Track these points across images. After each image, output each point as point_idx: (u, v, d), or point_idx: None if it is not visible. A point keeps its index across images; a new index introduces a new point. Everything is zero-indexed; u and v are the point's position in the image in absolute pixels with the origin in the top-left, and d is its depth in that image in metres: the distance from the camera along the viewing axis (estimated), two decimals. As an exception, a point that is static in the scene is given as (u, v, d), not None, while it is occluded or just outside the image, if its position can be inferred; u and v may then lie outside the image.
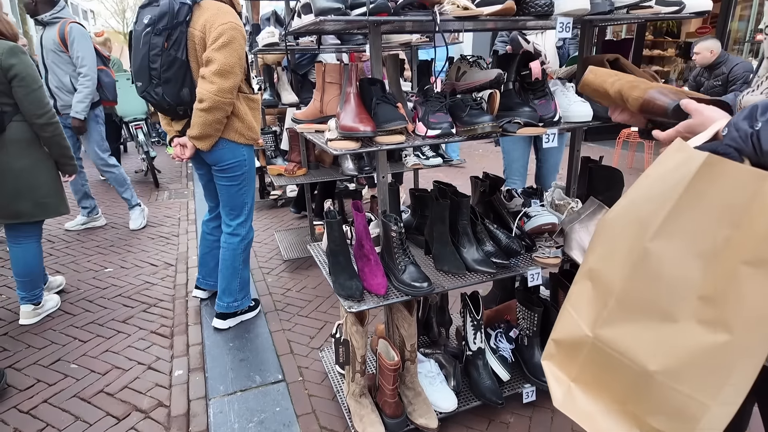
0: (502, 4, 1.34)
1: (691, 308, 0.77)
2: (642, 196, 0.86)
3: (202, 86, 1.85)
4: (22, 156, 2.29)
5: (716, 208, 0.76)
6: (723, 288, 0.75)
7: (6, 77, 2.15)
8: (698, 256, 0.77)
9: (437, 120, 1.44)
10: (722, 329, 0.75)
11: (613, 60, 1.68)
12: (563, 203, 1.97)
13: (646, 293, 0.83)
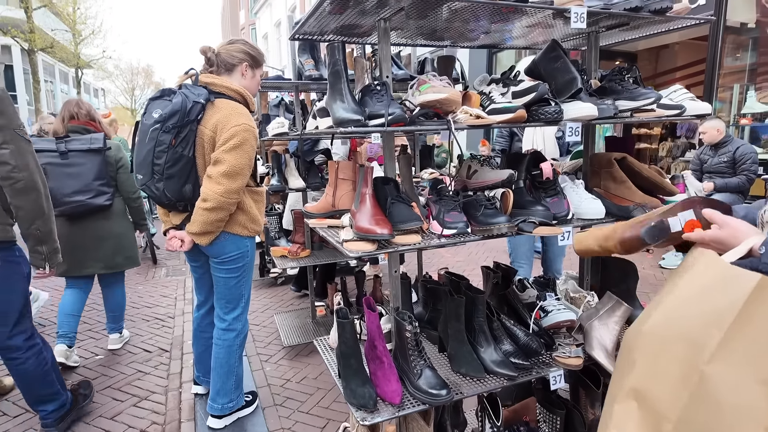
0: (513, 112, 1.39)
1: None
2: (684, 311, 0.83)
3: (208, 186, 1.86)
4: (120, 223, 3.06)
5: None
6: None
7: (116, 167, 2.94)
8: (762, 383, 0.72)
9: (452, 219, 1.44)
10: None
11: (620, 159, 1.72)
12: (579, 296, 1.93)
13: (706, 422, 0.76)
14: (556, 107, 1.45)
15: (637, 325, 0.92)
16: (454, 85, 1.46)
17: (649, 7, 1.52)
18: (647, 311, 0.91)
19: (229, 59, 2.03)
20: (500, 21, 1.60)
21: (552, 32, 1.84)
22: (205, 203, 1.86)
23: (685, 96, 1.74)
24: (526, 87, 1.46)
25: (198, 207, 1.89)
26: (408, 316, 1.59)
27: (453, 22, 1.62)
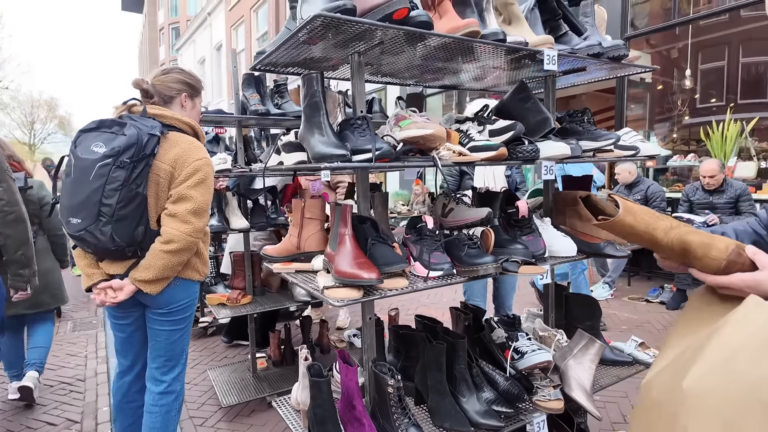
0: (495, 150, 1.36)
1: None
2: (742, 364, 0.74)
3: (173, 225, 1.63)
4: (45, 260, 2.99)
5: None
6: None
7: (39, 205, 2.94)
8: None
9: (437, 260, 1.35)
10: None
11: (585, 197, 1.77)
12: (548, 335, 1.91)
13: None
14: (532, 146, 1.45)
15: (673, 378, 0.81)
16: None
17: (608, 54, 1.62)
18: (678, 361, 0.81)
19: (166, 91, 1.85)
20: (472, 61, 1.61)
21: (515, 75, 1.89)
22: (169, 245, 1.62)
23: (636, 138, 1.85)
24: (503, 126, 1.45)
25: (158, 250, 1.63)
26: (388, 369, 1.45)
27: (426, 60, 1.59)
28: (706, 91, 6.26)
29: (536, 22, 1.61)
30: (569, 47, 1.58)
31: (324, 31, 1.24)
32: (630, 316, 4.40)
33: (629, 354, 1.94)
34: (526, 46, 1.45)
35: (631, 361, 1.90)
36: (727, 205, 4.39)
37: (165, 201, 1.69)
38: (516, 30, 1.54)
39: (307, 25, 1.16)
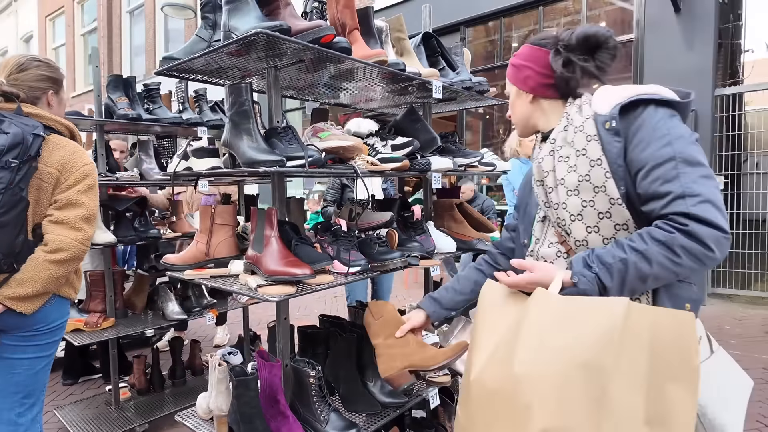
0: (400, 162, 1.61)
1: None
2: (555, 342, 0.92)
3: (62, 233, 1.45)
4: None
5: (636, 339, 0.89)
6: (660, 408, 0.88)
7: None
8: (637, 385, 0.88)
9: (355, 258, 1.52)
10: None
11: (458, 204, 2.13)
12: (432, 323, 2.21)
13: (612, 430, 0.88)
14: (425, 160, 1.73)
15: (501, 368, 0.97)
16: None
17: (476, 88, 2.01)
18: (498, 353, 0.99)
19: (31, 92, 1.65)
20: (372, 84, 1.84)
21: (399, 99, 2.19)
22: (58, 254, 1.43)
23: (493, 157, 2.30)
24: (403, 142, 1.71)
25: (42, 260, 1.43)
26: (308, 362, 1.55)
27: (332, 80, 1.77)
28: (522, 123, 7.66)
29: (422, 56, 1.92)
30: (448, 80, 1.92)
31: (255, 46, 1.33)
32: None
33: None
34: (419, 76, 1.74)
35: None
36: None
37: (46, 207, 1.51)
38: (408, 62, 1.83)
39: (245, 39, 1.24)
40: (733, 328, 4.23)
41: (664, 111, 1.00)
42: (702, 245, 0.90)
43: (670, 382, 0.89)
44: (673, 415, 0.88)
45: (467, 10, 6.68)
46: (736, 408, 1.00)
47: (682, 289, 1.01)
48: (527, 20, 6.63)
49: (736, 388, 1.03)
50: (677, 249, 0.91)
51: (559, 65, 1.09)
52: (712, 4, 4.98)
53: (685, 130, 0.99)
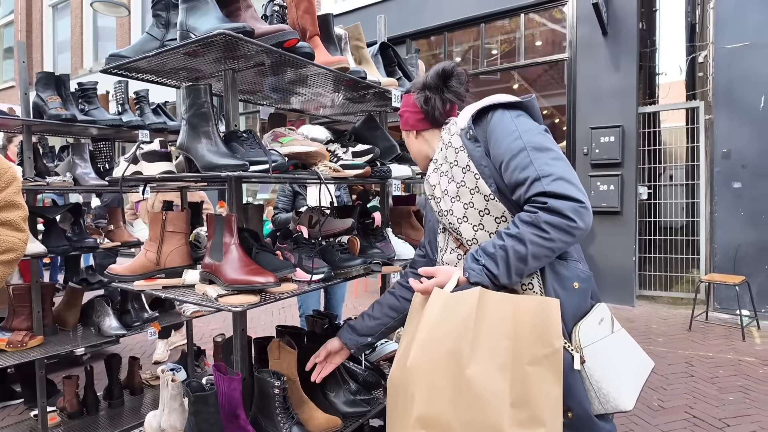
0: (362, 169, 1.61)
1: (508, 416, 0.93)
2: (436, 335, 1.02)
3: (10, 233, 1.31)
4: None
5: (497, 326, 0.98)
6: (524, 390, 0.95)
7: None
8: (500, 369, 0.96)
9: (318, 265, 1.50)
10: (537, 424, 0.94)
11: (416, 211, 2.17)
12: (389, 330, 2.22)
13: (478, 416, 0.94)
14: (386, 167, 1.75)
15: (401, 364, 1.07)
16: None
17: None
18: (404, 351, 1.08)
19: None
20: (330, 91, 1.83)
21: (356, 107, 2.19)
22: (8, 254, 1.29)
23: (448, 165, 2.37)
24: (364, 149, 1.71)
25: None
26: (273, 373, 1.50)
27: (291, 85, 1.74)
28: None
29: (379, 65, 1.94)
30: (405, 89, 1.96)
31: (213, 47, 1.29)
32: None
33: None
34: (379, 85, 1.75)
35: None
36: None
37: None
38: (367, 70, 1.84)
39: (206, 39, 1.19)
40: (659, 326, 4.60)
41: (511, 112, 1.15)
42: (563, 217, 0.99)
43: (533, 365, 0.96)
44: (537, 397, 0.95)
45: (414, 24, 6.84)
46: (630, 383, 1.08)
47: (567, 268, 1.09)
48: (468, 36, 6.92)
49: (634, 366, 1.12)
50: (543, 225, 1.00)
51: (422, 102, 1.29)
52: (634, 29, 5.45)
53: (532, 124, 1.13)
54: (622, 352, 1.11)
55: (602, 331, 1.08)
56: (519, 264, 1.03)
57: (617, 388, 1.04)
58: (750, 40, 4.86)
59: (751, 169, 4.83)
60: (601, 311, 1.11)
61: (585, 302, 1.10)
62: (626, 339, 1.15)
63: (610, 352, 1.08)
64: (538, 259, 1.03)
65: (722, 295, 4.92)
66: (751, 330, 4.41)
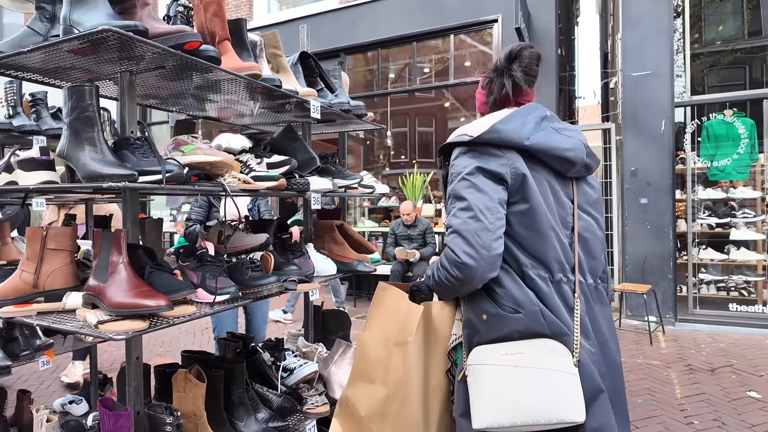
0: (276, 181, 1.53)
1: (379, 374, 1.26)
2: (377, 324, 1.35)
3: None
4: None
5: (389, 313, 1.31)
6: (386, 360, 1.25)
7: None
8: (384, 343, 1.28)
9: (223, 285, 1.39)
10: (384, 386, 1.24)
11: (339, 225, 2.11)
12: (310, 350, 2.12)
13: (365, 368, 1.31)
14: (304, 180, 1.68)
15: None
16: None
17: (355, 111, 2.03)
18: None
19: None
20: (245, 99, 1.74)
21: (276, 116, 2.11)
22: None
23: (373, 180, 2.34)
24: (280, 160, 1.63)
25: None
26: (165, 407, 1.36)
27: (200, 91, 1.63)
28: (398, 150, 8.08)
29: (299, 75, 1.88)
30: (327, 101, 1.91)
31: (104, 46, 1.16)
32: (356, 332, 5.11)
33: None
34: (297, 94, 1.69)
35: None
36: (419, 236, 5.73)
37: None
38: (285, 79, 1.77)
39: (90, 36, 1.07)
40: (577, 333, 4.84)
41: (458, 149, 1.20)
42: (445, 269, 1.14)
43: (396, 346, 1.25)
44: (391, 369, 1.24)
45: (347, 38, 6.87)
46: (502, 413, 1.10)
47: (484, 300, 1.15)
48: (402, 53, 7.06)
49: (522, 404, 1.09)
50: (437, 268, 1.19)
51: (484, 83, 1.30)
52: (554, 55, 5.84)
53: (462, 167, 1.16)
54: (515, 386, 1.07)
55: (502, 359, 1.09)
56: (435, 287, 1.23)
57: (479, 408, 1.09)
58: (651, 69, 5.36)
59: (654, 186, 5.29)
60: (515, 346, 1.10)
61: (495, 332, 1.12)
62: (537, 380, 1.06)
63: (495, 379, 1.08)
64: (443, 287, 1.20)
65: (633, 302, 5.30)
66: (658, 335, 4.77)
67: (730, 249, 5.51)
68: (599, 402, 1.09)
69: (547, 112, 1.22)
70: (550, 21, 5.90)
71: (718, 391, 3.32)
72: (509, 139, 1.12)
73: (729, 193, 5.52)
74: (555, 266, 1.14)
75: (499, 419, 1.05)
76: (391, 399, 1.20)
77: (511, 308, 1.11)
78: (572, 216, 1.20)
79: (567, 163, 1.17)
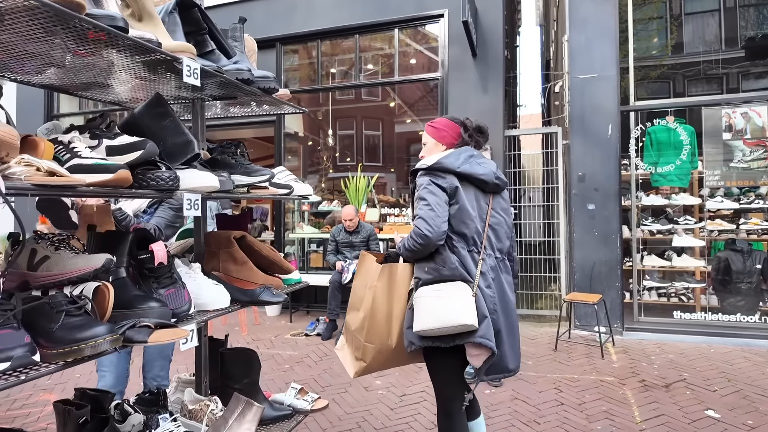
0: (112, 173, 0.97)
1: (361, 304, 1.92)
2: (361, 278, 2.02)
3: None
4: None
5: (367, 269, 1.96)
6: (364, 296, 1.91)
7: None
8: (363, 287, 1.94)
9: (2, 344, 0.82)
10: (362, 312, 1.89)
11: (239, 237, 1.57)
12: (199, 407, 1.56)
13: (354, 302, 1.98)
14: (170, 173, 1.13)
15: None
16: None
17: (259, 84, 1.51)
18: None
19: None
20: (85, 53, 1.17)
21: (153, 89, 1.54)
22: None
23: (290, 177, 1.82)
24: (128, 143, 1.08)
25: None
26: None
27: (3, 35, 1.05)
28: (343, 152, 7.57)
29: (176, 28, 1.33)
30: (216, 65, 1.37)
31: None
32: (292, 353, 4.53)
33: (289, 405, 1.83)
34: (159, 47, 1.14)
35: (291, 412, 1.79)
36: (362, 243, 5.24)
37: None
38: (149, 29, 1.22)
39: None
40: (527, 348, 4.56)
41: (421, 172, 1.85)
42: (413, 239, 1.76)
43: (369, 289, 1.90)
44: (364, 301, 1.91)
45: (282, 27, 6.29)
46: (430, 319, 1.70)
47: (426, 263, 1.80)
48: (344, 47, 6.58)
49: (440, 314, 1.69)
50: (408, 239, 1.79)
51: (466, 136, 1.94)
52: (501, 52, 5.59)
53: (424, 181, 1.81)
54: (436, 306, 1.70)
55: (431, 293, 1.74)
56: (404, 250, 1.83)
57: (417, 320, 1.71)
58: (597, 72, 5.23)
59: (602, 191, 5.14)
60: (439, 286, 1.76)
61: (431, 279, 1.78)
62: (442, 301, 1.71)
63: (427, 303, 1.72)
64: (408, 251, 1.81)
65: (581, 312, 5.11)
66: (608, 346, 4.57)
67: (671, 255, 5.48)
68: (486, 323, 1.72)
69: (474, 152, 1.89)
70: (498, 18, 5.65)
71: (676, 411, 3.09)
72: (448, 168, 1.81)
73: (671, 199, 5.50)
74: (470, 242, 1.81)
75: (428, 325, 1.68)
76: (366, 318, 1.86)
77: (442, 265, 1.78)
78: (486, 214, 1.87)
79: (482, 182, 1.85)
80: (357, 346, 1.86)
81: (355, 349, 1.88)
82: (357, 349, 1.86)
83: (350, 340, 1.93)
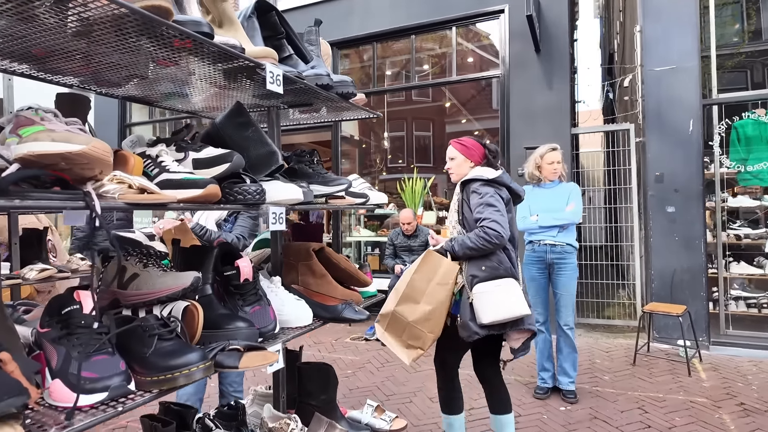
0: (202, 188, 0.92)
1: (423, 297, 2.06)
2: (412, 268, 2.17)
3: None
4: None
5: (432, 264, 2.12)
6: (428, 291, 2.07)
7: None
8: (427, 281, 2.08)
9: (99, 372, 0.78)
10: (428, 305, 2.04)
11: (318, 249, 1.50)
12: (278, 426, 1.50)
13: (412, 295, 2.08)
14: (257, 186, 1.07)
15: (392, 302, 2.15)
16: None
17: (337, 89, 1.43)
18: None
19: None
20: (165, 60, 1.13)
21: (229, 96, 1.51)
22: None
23: (365, 186, 1.74)
24: (214, 155, 1.03)
25: None
26: None
27: (92, 46, 1.03)
28: (395, 153, 7.49)
29: (255, 33, 1.28)
30: (296, 71, 1.31)
31: None
32: (353, 358, 4.49)
33: (367, 424, 1.74)
34: (242, 52, 1.09)
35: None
36: (420, 248, 5.12)
37: None
38: (231, 35, 1.17)
39: None
40: (602, 361, 4.25)
41: (479, 182, 2.16)
42: (483, 239, 2.03)
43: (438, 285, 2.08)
44: (432, 294, 2.06)
45: (339, 32, 6.30)
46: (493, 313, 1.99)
47: (482, 262, 2.08)
48: (400, 48, 6.49)
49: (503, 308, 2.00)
50: (479, 235, 2.04)
51: (490, 156, 2.28)
52: (566, 46, 5.28)
53: (488, 190, 2.13)
54: (500, 300, 2.00)
55: (494, 288, 2.02)
56: (464, 249, 2.08)
57: (484, 313, 1.98)
58: (675, 63, 4.81)
59: (683, 192, 4.72)
60: (498, 281, 2.04)
61: (490, 277, 2.05)
62: (505, 296, 2.01)
63: (491, 297, 2.00)
64: (473, 249, 2.06)
65: (661, 323, 4.71)
66: (695, 362, 4.17)
67: (764, 263, 4.93)
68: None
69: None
70: (562, 11, 5.35)
71: (787, 441, 2.73)
72: (504, 182, 2.19)
73: (762, 200, 4.95)
74: (514, 244, 2.20)
75: (497, 316, 1.97)
76: (434, 311, 2.04)
77: (498, 264, 2.08)
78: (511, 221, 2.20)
79: (517, 197, 2.29)
80: (416, 336, 2.02)
81: (411, 338, 2.04)
82: (416, 338, 2.03)
83: (401, 330, 2.05)
